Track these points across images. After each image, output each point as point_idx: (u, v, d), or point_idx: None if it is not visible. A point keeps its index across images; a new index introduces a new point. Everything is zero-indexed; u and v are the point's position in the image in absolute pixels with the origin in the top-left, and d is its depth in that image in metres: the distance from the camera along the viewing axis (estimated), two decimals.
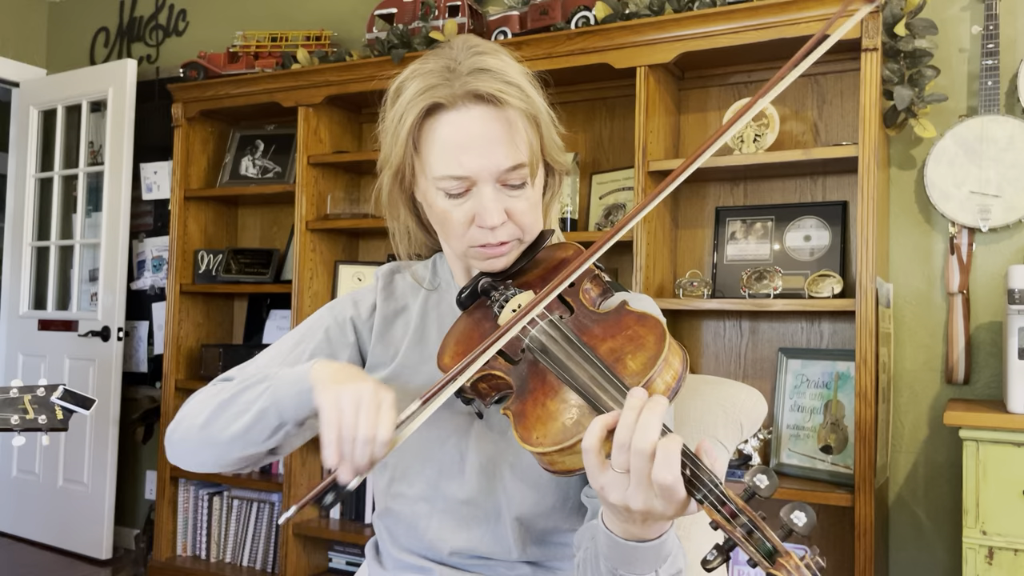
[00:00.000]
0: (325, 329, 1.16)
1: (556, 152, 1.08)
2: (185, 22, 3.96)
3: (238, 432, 1.00)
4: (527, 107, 1.01)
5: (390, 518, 1.14)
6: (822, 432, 2.43)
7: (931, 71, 2.35)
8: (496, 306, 1.02)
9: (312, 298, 3.16)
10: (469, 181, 0.99)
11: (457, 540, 1.07)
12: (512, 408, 0.92)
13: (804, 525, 0.72)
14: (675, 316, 2.75)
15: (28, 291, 4.16)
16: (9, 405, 1.48)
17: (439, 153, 1.00)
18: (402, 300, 1.18)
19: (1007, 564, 1.92)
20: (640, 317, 0.92)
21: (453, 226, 1.02)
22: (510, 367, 0.95)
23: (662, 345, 0.87)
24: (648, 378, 0.84)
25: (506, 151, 0.99)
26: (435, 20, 2.92)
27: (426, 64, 1.03)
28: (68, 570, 3.64)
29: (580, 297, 0.99)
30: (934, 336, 2.47)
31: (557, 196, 1.15)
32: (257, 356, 1.18)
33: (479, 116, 0.99)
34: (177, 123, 3.47)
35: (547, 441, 0.85)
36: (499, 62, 1.02)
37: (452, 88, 0.98)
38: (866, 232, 2.23)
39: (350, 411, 0.87)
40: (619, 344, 0.90)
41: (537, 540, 1.07)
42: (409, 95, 1.01)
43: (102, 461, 3.74)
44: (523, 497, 1.04)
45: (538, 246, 1.08)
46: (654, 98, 2.57)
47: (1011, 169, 2.29)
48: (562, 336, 0.92)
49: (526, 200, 1.03)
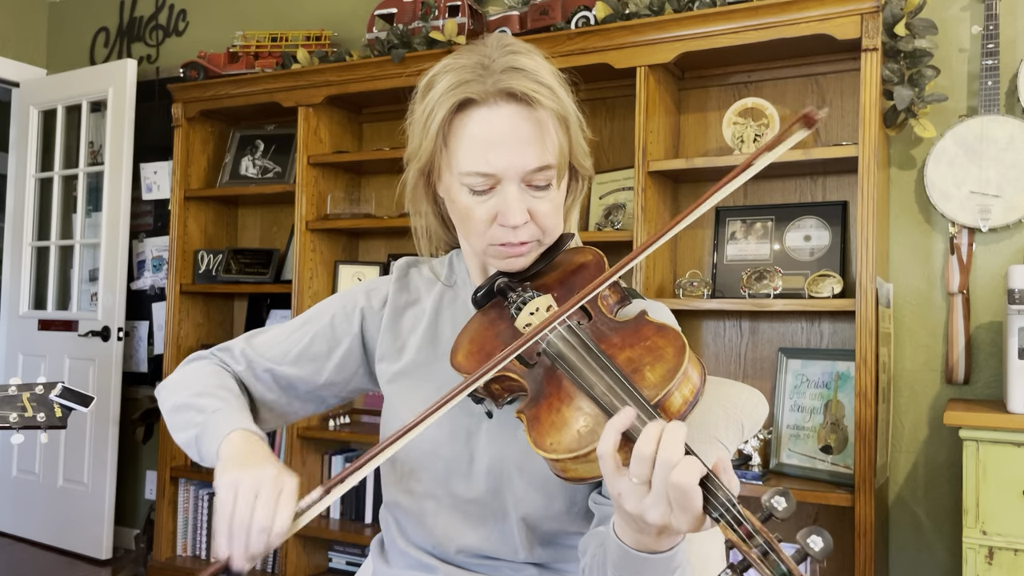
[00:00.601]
0: (332, 316, 1.19)
1: (582, 156, 1.07)
2: (185, 22, 3.96)
3: (181, 442, 1.09)
4: (558, 108, 1.00)
5: (399, 510, 1.14)
6: (822, 432, 2.44)
7: (931, 71, 2.35)
8: (513, 308, 1.01)
9: (312, 298, 3.16)
10: (494, 179, 0.99)
11: (464, 538, 1.08)
12: (526, 412, 0.91)
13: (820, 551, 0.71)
14: (675, 316, 2.75)
15: (28, 291, 4.16)
16: (8, 403, 1.47)
17: (467, 149, 0.99)
18: (415, 293, 1.19)
19: (1007, 564, 1.92)
20: (660, 328, 0.91)
21: (474, 223, 1.02)
22: (525, 370, 0.95)
23: (681, 358, 0.86)
24: (666, 391, 0.83)
25: (534, 151, 0.98)
26: (435, 20, 2.92)
27: (460, 59, 1.02)
28: (68, 570, 3.64)
29: (598, 303, 0.98)
30: (934, 336, 2.47)
31: (579, 200, 1.13)
32: (266, 329, 1.22)
33: (510, 115, 0.98)
34: (177, 123, 3.47)
35: (561, 448, 0.85)
36: (533, 62, 1.01)
37: (485, 85, 0.98)
38: (866, 232, 2.23)
39: (247, 499, 0.86)
40: (638, 354, 0.89)
41: (544, 542, 1.06)
42: (441, 89, 1.00)
43: (102, 461, 3.74)
44: (531, 499, 1.03)
45: (557, 249, 1.07)
46: (654, 98, 2.57)
47: (1011, 169, 2.29)
48: (580, 343, 0.91)
49: (550, 202, 1.02)
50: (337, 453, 3.21)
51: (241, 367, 1.19)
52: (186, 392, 1.11)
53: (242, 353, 1.19)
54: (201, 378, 1.13)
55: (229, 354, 1.20)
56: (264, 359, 1.18)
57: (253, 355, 1.19)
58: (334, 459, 3.20)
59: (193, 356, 1.22)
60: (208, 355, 1.21)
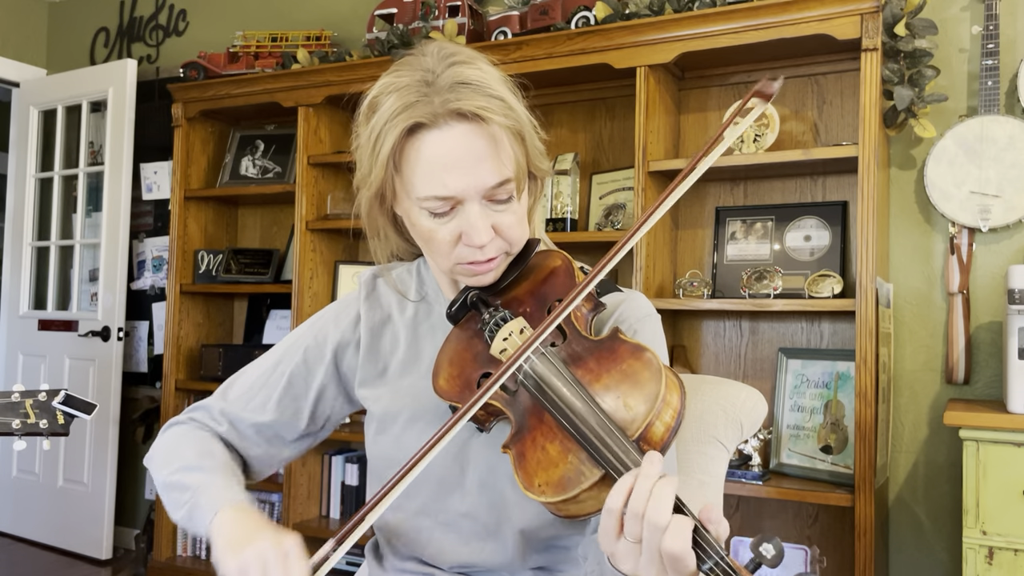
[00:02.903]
0: (304, 350, 1.17)
1: (540, 160, 1.04)
2: (185, 22, 3.96)
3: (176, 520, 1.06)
4: (511, 123, 0.96)
5: (390, 530, 1.13)
6: (822, 432, 2.43)
7: (931, 71, 2.35)
8: (487, 331, 1.00)
9: (312, 298, 3.16)
10: (454, 200, 0.96)
11: (459, 555, 1.07)
12: (512, 448, 0.90)
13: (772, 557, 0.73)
14: (675, 316, 2.75)
15: (28, 291, 4.16)
16: (11, 409, 1.48)
17: (422, 174, 0.95)
18: (387, 308, 1.16)
19: (1007, 564, 1.92)
20: (634, 350, 0.90)
21: (439, 245, 0.99)
22: (507, 398, 0.94)
23: (659, 383, 0.85)
24: (647, 423, 0.83)
25: (492, 167, 0.95)
26: (435, 20, 2.92)
27: (401, 77, 0.97)
28: (68, 570, 3.64)
29: (572, 319, 0.97)
30: (934, 336, 2.47)
31: (540, 200, 1.11)
32: (241, 375, 1.19)
33: (463, 134, 0.94)
34: (177, 123, 3.47)
35: (550, 491, 0.85)
36: (478, 72, 0.96)
37: (432, 106, 0.93)
38: (866, 232, 2.23)
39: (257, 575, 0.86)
40: (615, 380, 0.88)
41: (540, 548, 1.06)
42: (386, 113, 0.95)
43: (102, 461, 3.74)
44: (523, 510, 1.02)
45: (526, 257, 1.04)
46: (654, 98, 2.57)
47: (1011, 169, 2.29)
48: (556, 372, 0.90)
49: (513, 214, 0.99)
50: (337, 453, 3.21)
51: (223, 428, 1.16)
52: (170, 467, 1.09)
53: (222, 413, 1.16)
54: (183, 449, 1.10)
55: (207, 414, 1.17)
56: (246, 414, 1.15)
57: (233, 413, 1.16)
58: (334, 459, 3.20)
59: (172, 421, 1.18)
60: (187, 420, 1.17)
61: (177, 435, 1.14)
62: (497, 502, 1.04)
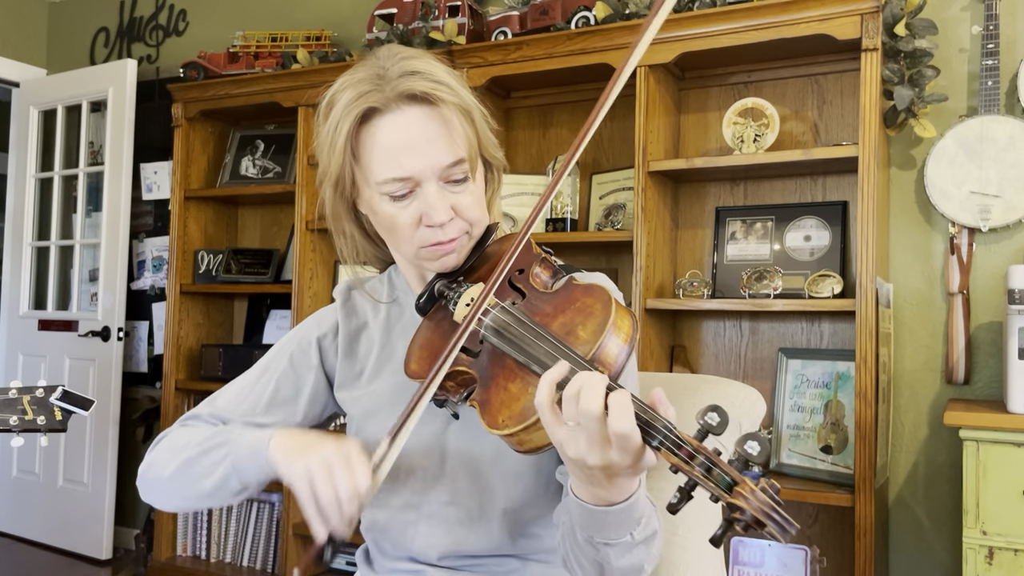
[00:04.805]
0: (289, 356, 1.19)
1: (492, 148, 1.09)
2: (185, 22, 3.96)
3: (205, 492, 1.06)
4: (460, 102, 1.02)
5: (376, 531, 1.15)
6: (822, 432, 2.43)
7: (931, 71, 2.35)
8: (451, 304, 1.03)
9: (312, 298, 3.16)
10: (412, 182, 1.00)
11: (445, 544, 1.08)
12: (478, 398, 0.93)
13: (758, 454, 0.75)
14: (675, 316, 2.75)
15: (28, 291, 4.16)
16: (8, 406, 1.48)
17: (379, 158, 1.01)
18: (363, 316, 1.19)
19: (1007, 564, 1.92)
20: (587, 289, 0.94)
21: (401, 229, 1.03)
22: (472, 360, 0.96)
23: (608, 311, 0.89)
24: (599, 344, 0.87)
25: (445, 146, 1.00)
26: (435, 20, 2.92)
27: (356, 74, 1.03)
28: (68, 570, 3.64)
29: (531, 281, 1.01)
30: (934, 336, 2.47)
31: (498, 193, 1.16)
32: (227, 387, 1.20)
33: (415, 116, 1.00)
34: (177, 123, 3.47)
35: (511, 422, 0.87)
36: (427, 64, 1.03)
37: (384, 92, 0.99)
38: (866, 232, 2.22)
39: (323, 478, 0.90)
40: (569, 318, 0.92)
41: (524, 533, 1.08)
42: (342, 105, 1.02)
43: (102, 461, 3.74)
44: (506, 489, 1.05)
45: (487, 240, 1.09)
46: (654, 98, 2.57)
47: (1011, 169, 2.29)
48: (514, 320, 0.94)
49: (470, 194, 1.04)
50: None
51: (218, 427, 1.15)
52: (186, 452, 1.08)
53: (212, 416, 1.16)
54: (191, 437, 1.10)
55: (199, 420, 1.17)
56: (237, 415, 1.16)
57: (225, 415, 1.16)
58: None
59: (162, 435, 1.17)
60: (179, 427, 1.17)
61: (176, 435, 1.14)
62: (478, 485, 1.06)
